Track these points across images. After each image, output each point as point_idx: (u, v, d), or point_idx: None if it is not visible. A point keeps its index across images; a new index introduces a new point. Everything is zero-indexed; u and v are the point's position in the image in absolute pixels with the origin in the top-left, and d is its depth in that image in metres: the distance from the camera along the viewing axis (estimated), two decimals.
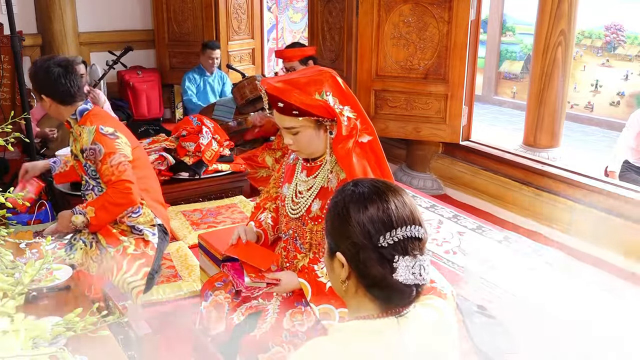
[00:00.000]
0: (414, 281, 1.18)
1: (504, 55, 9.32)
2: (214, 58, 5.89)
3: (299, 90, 1.95)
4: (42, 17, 6.03)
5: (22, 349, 1.11)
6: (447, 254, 3.69)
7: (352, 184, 1.26)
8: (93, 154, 2.71)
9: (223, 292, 2.23)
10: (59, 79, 2.71)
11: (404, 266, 1.17)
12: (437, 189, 4.86)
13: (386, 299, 1.20)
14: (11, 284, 1.26)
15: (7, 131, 1.58)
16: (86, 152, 2.72)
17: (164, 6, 6.57)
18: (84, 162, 2.77)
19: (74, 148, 2.84)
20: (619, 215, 3.67)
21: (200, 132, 4.34)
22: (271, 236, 2.32)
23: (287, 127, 2.02)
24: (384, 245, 1.17)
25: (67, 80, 2.72)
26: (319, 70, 2.07)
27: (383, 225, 1.17)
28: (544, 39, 4.27)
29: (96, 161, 2.72)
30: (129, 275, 2.68)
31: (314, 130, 2.02)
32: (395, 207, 1.19)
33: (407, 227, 1.18)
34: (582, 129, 7.80)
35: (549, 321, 2.95)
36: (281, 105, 1.96)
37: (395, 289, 1.18)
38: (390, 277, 1.17)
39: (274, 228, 2.33)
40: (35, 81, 2.78)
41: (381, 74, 4.75)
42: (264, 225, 2.32)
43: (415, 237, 1.19)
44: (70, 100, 2.78)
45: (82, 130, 2.74)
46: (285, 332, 1.99)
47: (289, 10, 8.98)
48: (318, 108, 1.96)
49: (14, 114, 1.75)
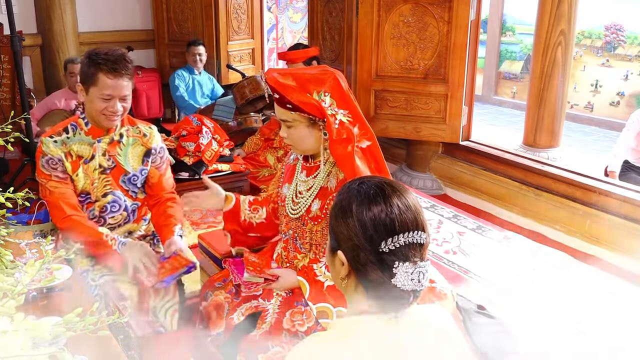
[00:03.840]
0: (412, 287, 1.18)
1: (504, 55, 9.33)
2: (196, 54, 5.87)
3: (297, 86, 1.98)
4: (42, 17, 6.02)
5: (22, 348, 1.11)
6: (447, 254, 3.69)
7: (358, 182, 1.25)
8: (162, 154, 2.56)
9: (223, 292, 2.24)
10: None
11: (403, 272, 1.16)
12: (437, 189, 4.86)
13: (383, 301, 1.20)
14: (11, 284, 1.26)
15: (7, 131, 1.58)
16: (155, 151, 2.53)
17: (164, 6, 6.57)
18: (145, 168, 2.51)
19: (125, 156, 2.47)
20: (618, 216, 3.67)
21: (200, 132, 4.34)
22: (245, 209, 2.33)
23: (282, 119, 2.06)
24: (385, 250, 1.16)
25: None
26: (324, 69, 2.08)
27: (385, 230, 1.16)
28: (544, 39, 4.27)
29: (162, 161, 2.57)
30: (162, 295, 2.44)
31: (306, 127, 2.04)
32: (399, 211, 1.18)
33: (409, 234, 1.17)
34: (582, 129, 7.81)
35: (549, 321, 2.95)
36: (277, 97, 2.00)
37: (393, 293, 1.18)
38: (388, 282, 1.17)
39: (250, 204, 2.35)
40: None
41: (381, 74, 4.75)
42: (241, 197, 2.36)
43: (418, 243, 1.18)
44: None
45: (146, 129, 2.53)
46: (285, 332, 2.00)
47: (289, 10, 8.99)
48: (310, 106, 1.97)
49: (14, 113, 1.75)
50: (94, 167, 2.43)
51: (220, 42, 6.43)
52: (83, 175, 2.43)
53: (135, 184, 2.53)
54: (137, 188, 2.54)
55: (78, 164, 2.41)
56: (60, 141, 2.39)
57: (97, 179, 2.45)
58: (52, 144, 2.38)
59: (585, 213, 3.84)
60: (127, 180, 2.50)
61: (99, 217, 2.51)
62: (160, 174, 2.60)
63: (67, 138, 2.41)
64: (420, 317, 1.25)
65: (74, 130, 2.42)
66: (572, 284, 3.33)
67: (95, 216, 2.50)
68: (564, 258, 3.64)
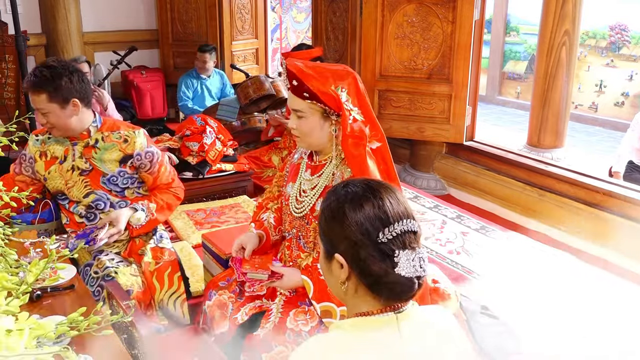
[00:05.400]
0: (415, 273, 1.20)
1: (508, 56, 9.31)
2: (201, 61, 5.83)
3: (317, 76, 1.98)
4: (47, 16, 6.04)
5: (26, 348, 1.11)
6: (450, 254, 3.68)
7: (342, 185, 1.28)
8: (150, 158, 2.57)
9: (227, 291, 2.24)
10: (85, 79, 2.47)
11: (405, 259, 1.18)
12: (441, 189, 4.86)
13: (389, 294, 1.21)
14: (15, 283, 1.27)
15: (11, 130, 1.59)
16: (139, 156, 2.54)
17: (168, 6, 6.58)
18: (123, 170, 2.54)
19: (100, 160, 2.53)
20: (623, 216, 3.66)
21: (204, 132, 4.35)
22: (273, 236, 2.32)
23: (295, 108, 2.05)
24: (383, 240, 1.18)
25: (88, 81, 2.51)
26: (345, 68, 2.10)
27: (380, 222, 1.19)
28: (548, 39, 4.26)
29: (152, 165, 2.59)
30: (165, 289, 2.54)
31: (319, 120, 2.04)
32: (390, 204, 1.21)
33: (403, 221, 1.20)
34: (586, 130, 7.79)
35: (553, 321, 2.94)
36: (295, 84, 1.99)
37: (398, 282, 1.19)
38: (392, 272, 1.18)
39: (275, 228, 2.33)
40: (66, 85, 2.38)
41: (385, 74, 4.75)
42: (266, 224, 2.32)
43: (412, 231, 1.21)
44: (89, 104, 2.53)
45: (129, 134, 2.54)
46: (289, 332, 2.00)
47: (293, 10, 8.98)
48: (328, 97, 1.98)
49: (19, 113, 1.76)
50: (68, 168, 2.53)
51: (224, 42, 6.43)
52: (57, 175, 2.54)
53: (117, 184, 2.58)
54: (119, 187, 2.59)
55: (52, 163, 2.54)
56: (41, 140, 2.57)
57: (76, 180, 2.54)
58: (32, 142, 2.57)
59: (590, 214, 3.83)
60: (107, 180, 2.57)
61: (87, 214, 2.59)
62: (154, 177, 2.64)
63: (48, 138, 2.56)
64: (422, 318, 1.26)
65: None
66: (576, 285, 3.33)
67: (82, 215, 2.59)
68: (567, 259, 3.63)
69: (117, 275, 2.38)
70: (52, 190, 2.59)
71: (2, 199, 1.53)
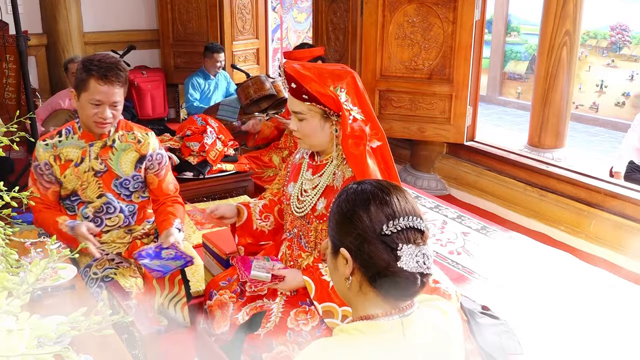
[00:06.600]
0: (417, 269, 1.19)
1: (509, 56, 9.31)
2: (217, 61, 5.82)
3: (316, 77, 1.98)
4: (47, 16, 6.04)
5: (26, 347, 1.11)
6: (451, 254, 3.68)
7: (355, 184, 1.29)
8: (160, 160, 2.57)
9: (227, 291, 2.24)
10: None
11: (408, 254, 1.18)
12: (442, 189, 4.86)
13: (392, 288, 1.21)
14: (16, 283, 1.27)
15: (12, 130, 1.59)
16: (151, 157, 2.54)
17: (169, 6, 6.57)
18: (137, 174, 2.53)
19: (117, 161, 2.50)
20: (623, 216, 3.66)
21: (205, 132, 4.34)
22: (257, 220, 2.33)
23: (295, 111, 2.05)
24: (387, 233, 1.19)
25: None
26: (343, 67, 2.10)
27: (386, 216, 1.20)
28: (549, 39, 4.26)
29: (160, 167, 2.58)
30: (166, 292, 2.52)
31: (319, 121, 2.04)
32: (398, 201, 1.22)
33: (409, 218, 1.21)
34: (587, 130, 7.79)
35: (554, 321, 2.94)
36: (294, 87, 1.99)
37: (400, 277, 1.19)
38: (394, 265, 1.18)
39: (262, 213, 2.35)
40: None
41: (385, 74, 4.75)
42: (252, 205, 2.36)
43: (417, 229, 1.21)
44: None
45: (144, 136, 2.55)
46: (290, 332, 2.00)
47: (294, 10, 8.98)
48: (327, 98, 1.98)
49: (19, 113, 1.76)
50: (85, 169, 2.49)
51: (224, 42, 6.43)
52: (74, 177, 2.48)
53: (127, 188, 2.56)
54: (129, 191, 2.56)
55: (67, 166, 2.47)
56: (51, 144, 2.47)
57: (90, 181, 2.49)
58: (42, 148, 2.47)
59: (590, 214, 3.83)
60: (119, 184, 2.54)
61: (94, 218, 2.54)
62: (160, 180, 2.62)
63: (59, 141, 2.48)
64: (427, 323, 1.25)
65: (67, 133, 2.49)
66: (577, 285, 3.33)
67: (89, 218, 2.54)
68: (568, 259, 3.63)
69: (117, 277, 2.38)
70: (65, 193, 2.52)
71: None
